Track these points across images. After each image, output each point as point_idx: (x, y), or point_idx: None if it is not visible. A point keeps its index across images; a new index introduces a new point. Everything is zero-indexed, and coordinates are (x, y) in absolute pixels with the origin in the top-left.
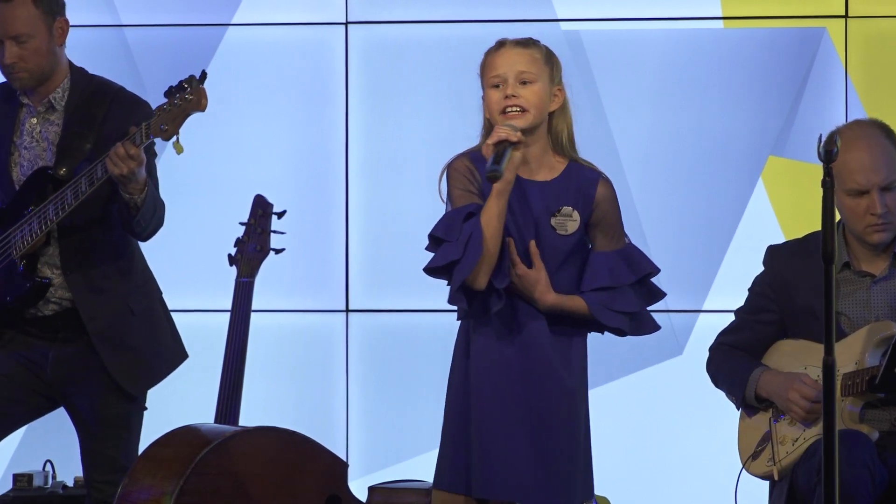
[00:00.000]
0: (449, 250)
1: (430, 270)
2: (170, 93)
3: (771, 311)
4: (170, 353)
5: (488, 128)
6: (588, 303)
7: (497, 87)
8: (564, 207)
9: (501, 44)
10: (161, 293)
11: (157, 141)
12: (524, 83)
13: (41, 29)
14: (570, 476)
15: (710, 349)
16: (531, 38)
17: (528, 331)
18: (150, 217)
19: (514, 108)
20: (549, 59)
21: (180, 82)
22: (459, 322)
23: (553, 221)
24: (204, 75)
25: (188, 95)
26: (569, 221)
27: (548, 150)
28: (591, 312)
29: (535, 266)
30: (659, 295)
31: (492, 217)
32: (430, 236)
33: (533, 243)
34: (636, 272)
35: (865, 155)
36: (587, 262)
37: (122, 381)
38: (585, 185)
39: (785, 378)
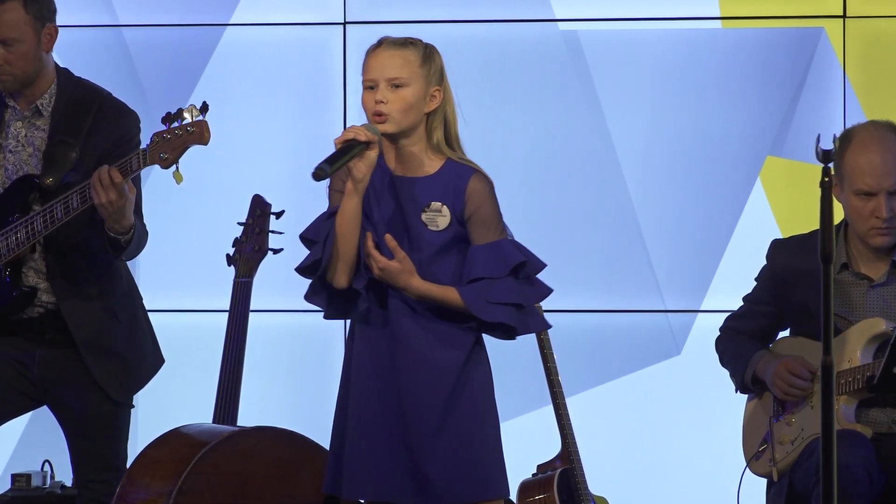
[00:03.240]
0: (315, 250)
1: (300, 271)
2: (168, 119)
3: (769, 304)
4: (151, 360)
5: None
6: (462, 295)
7: (371, 88)
8: (434, 203)
9: (379, 44)
10: (142, 300)
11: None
12: (395, 87)
13: (29, 34)
14: (449, 474)
15: (720, 329)
16: (410, 39)
17: (403, 328)
18: (132, 252)
19: (381, 113)
20: (427, 61)
21: (179, 109)
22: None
23: (423, 217)
24: (205, 107)
25: (189, 128)
26: (438, 217)
27: (425, 148)
28: (465, 304)
29: (396, 257)
30: (544, 291)
31: (344, 217)
32: (301, 238)
33: (389, 236)
34: (507, 263)
35: (877, 158)
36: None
37: (109, 389)
38: (457, 180)
39: (777, 357)
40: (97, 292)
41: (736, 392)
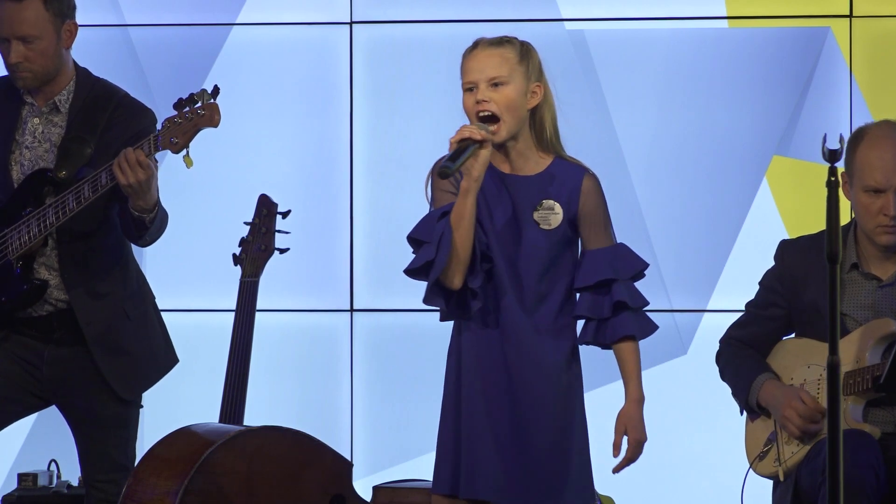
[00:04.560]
0: (426, 251)
1: (410, 272)
2: (180, 105)
3: (779, 307)
4: (162, 358)
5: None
6: (633, 331)
7: (471, 90)
8: (546, 201)
9: (475, 45)
10: (154, 298)
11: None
12: (496, 86)
13: (49, 31)
14: (560, 476)
15: (721, 341)
16: (506, 37)
17: (514, 328)
18: (156, 232)
19: (486, 113)
20: (525, 57)
21: (191, 95)
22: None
23: (536, 216)
24: (216, 90)
25: (200, 110)
26: (551, 215)
27: (532, 145)
28: (637, 336)
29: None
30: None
31: (459, 216)
32: (409, 238)
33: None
34: (635, 266)
35: (888, 154)
36: (582, 260)
37: (117, 386)
38: (570, 179)
39: (784, 392)
40: (108, 289)
41: (741, 413)
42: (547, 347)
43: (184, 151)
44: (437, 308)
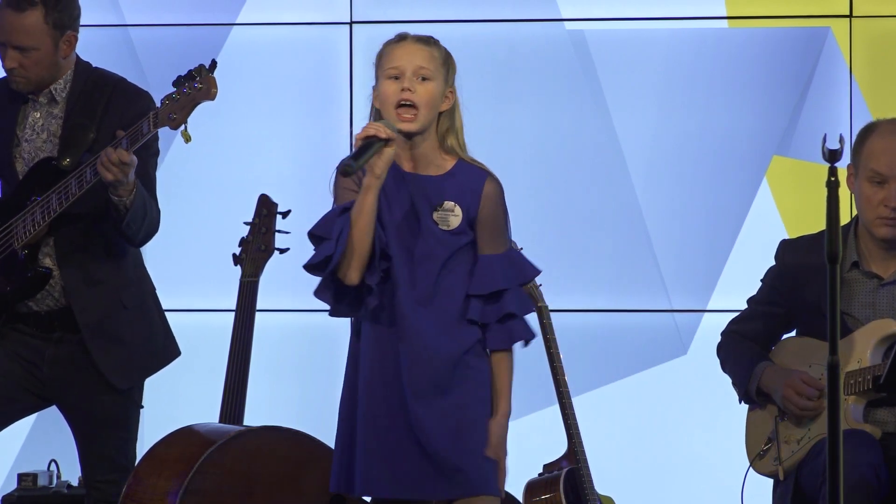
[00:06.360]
0: (326, 247)
1: (309, 268)
2: (178, 82)
3: (779, 305)
4: (161, 350)
5: (377, 117)
6: (524, 336)
7: (395, 78)
8: (446, 202)
9: (403, 37)
10: (154, 289)
11: (163, 136)
12: (422, 79)
13: (46, 42)
14: (460, 468)
15: (722, 334)
16: (432, 38)
17: (409, 326)
18: (140, 220)
19: (408, 102)
20: (447, 61)
21: (189, 71)
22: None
23: (435, 216)
24: (214, 64)
25: (198, 84)
26: (450, 216)
27: (436, 147)
28: (519, 341)
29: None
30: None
31: (359, 212)
32: (310, 234)
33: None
34: (527, 274)
35: (895, 145)
36: (477, 266)
37: (110, 375)
38: (472, 182)
39: (784, 374)
40: (103, 276)
41: (740, 402)
42: (441, 344)
43: (182, 126)
44: (326, 303)
